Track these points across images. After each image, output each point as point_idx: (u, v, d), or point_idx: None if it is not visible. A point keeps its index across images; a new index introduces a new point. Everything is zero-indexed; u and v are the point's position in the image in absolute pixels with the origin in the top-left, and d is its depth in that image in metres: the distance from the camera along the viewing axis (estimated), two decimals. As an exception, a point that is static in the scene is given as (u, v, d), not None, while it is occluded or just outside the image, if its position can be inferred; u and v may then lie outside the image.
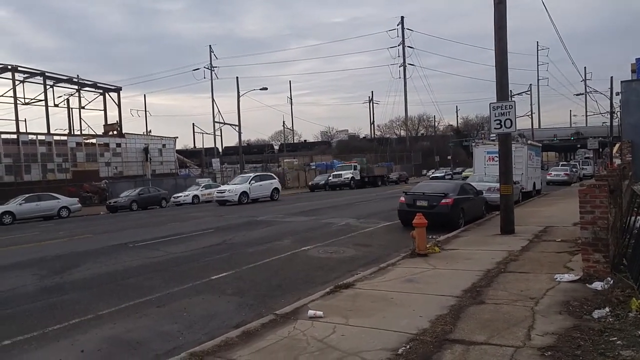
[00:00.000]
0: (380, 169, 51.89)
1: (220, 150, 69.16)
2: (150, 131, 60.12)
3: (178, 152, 58.78)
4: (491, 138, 25.10)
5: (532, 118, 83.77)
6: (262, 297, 7.19)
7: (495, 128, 12.03)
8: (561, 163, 59.45)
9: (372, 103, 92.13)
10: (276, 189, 30.76)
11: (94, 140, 44.62)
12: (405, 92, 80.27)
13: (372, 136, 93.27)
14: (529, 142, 25.98)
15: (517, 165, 20.61)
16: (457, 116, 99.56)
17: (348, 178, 43.64)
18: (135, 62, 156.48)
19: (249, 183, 28.91)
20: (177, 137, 54.17)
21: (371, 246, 11.50)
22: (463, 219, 13.87)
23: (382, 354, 4.49)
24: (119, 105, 47.87)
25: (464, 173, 51.80)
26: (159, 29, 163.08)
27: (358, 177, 45.03)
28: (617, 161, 26.20)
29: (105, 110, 48.48)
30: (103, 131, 47.92)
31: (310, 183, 46.60)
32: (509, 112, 11.65)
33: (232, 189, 28.55)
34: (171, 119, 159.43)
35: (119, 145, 45.40)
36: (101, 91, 48.18)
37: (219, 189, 30.61)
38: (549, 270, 7.48)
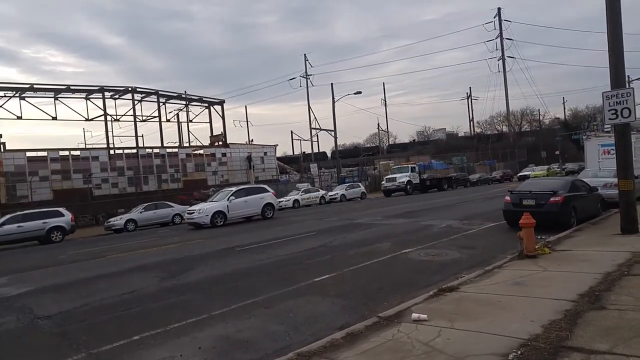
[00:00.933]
0: (444, 171, 48.19)
1: (331, 154, 70.70)
2: (252, 140, 63.25)
3: (278, 159, 61.15)
4: (605, 129, 22.92)
5: (656, 103, 74.81)
6: (365, 300, 7.30)
7: (610, 119, 11.03)
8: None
9: (470, 99, 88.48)
10: (269, 204, 25.22)
11: (201, 151, 48.07)
12: (506, 86, 76.09)
13: (472, 133, 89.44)
14: (652, 131, 23.31)
15: (638, 158, 18.64)
16: (565, 108, 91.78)
17: (403, 182, 39.53)
18: (236, 75, 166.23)
19: (228, 200, 23.40)
20: (277, 145, 56.63)
21: (475, 248, 11.12)
22: (575, 217, 12.86)
23: (491, 358, 4.38)
24: (223, 117, 51.11)
25: (532, 173, 47.42)
26: (256, 41, 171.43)
27: (417, 181, 40.95)
28: None
29: (210, 122, 52.06)
30: (209, 142, 51.42)
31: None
32: (626, 100, 10.63)
33: (203, 208, 23.09)
34: (270, 127, 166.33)
35: (224, 155, 48.47)
36: (206, 105, 51.81)
37: (189, 209, 24.86)
38: (682, 273, 6.73)
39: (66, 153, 38.28)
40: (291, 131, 67.95)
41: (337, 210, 26.92)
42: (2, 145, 35.55)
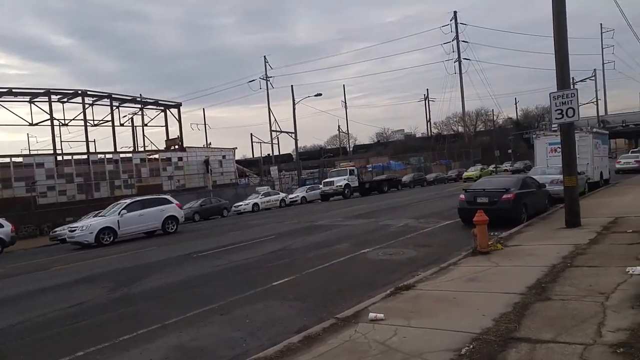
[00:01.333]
0: (402, 172, 47.46)
1: (296, 156, 70.44)
2: (210, 143, 62.40)
3: (237, 162, 60.49)
4: (553, 129, 23.97)
5: (597, 105, 79.07)
6: (323, 302, 7.31)
7: (556, 118, 11.55)
8: (631, 150, 55.59)
9: (428, 101, 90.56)
10: (172, 217, 22.42)
11: (156, 156, 46.85)
12: (462, 87, 78.24)
13: (429, 134, 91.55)
14: (594, 130, 24.62)
15: (582, 155, 19.63)
16: (517, 108, 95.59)
17: (341, 186, 37.76)
18: (194, 78, 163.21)
19: (119, 214, 20.54)
20: (236, 148, 55.87)
21: (431, 246, 11.37)
22: (526, 213, 13.39)
23: (445, 354, 4.47)
24: (179, 121, 50.06)
25: (465, 174, 49.60)
26: (215, 43, 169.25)
27: (355, 184, 39.40)
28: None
29: (166, 126, 50.84)
30: (165, 146, 50.26)
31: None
32: (570, 100, 11.17)
33: (87, 225, 20.37)
34: (230, 130, 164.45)
35: (180, 159, 47.45)
36: (162, 108, 50.58)
37: (71, 225, 22.58)
38: (620, 263, 7.10)
39: (7, 160, 36.39)
40: (251, 134, 68.00)
41: (298, 213, 26.89)
42: None
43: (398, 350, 4.73)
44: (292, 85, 48.55)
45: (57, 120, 42.02)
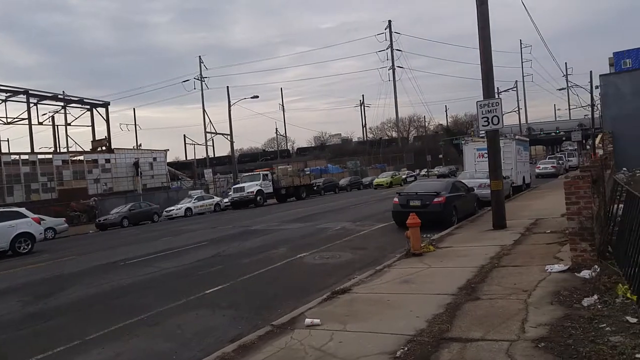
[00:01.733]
0: (307, 177, 43.74)
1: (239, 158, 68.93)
2: (140, 145, 59.79)
3: (169, 164, 58.49)
4: (480, 135, 25.31)
5: (519, 114, 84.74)
6: (258, 309, 7.14)
7: (483, 125, 12.13)
8: (548, 156, 60.07)
9: (364, 106, 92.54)
10: (26, 235, 18.44)
11: (81, 157, 44.16)
12: (395, 94, 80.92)
13: (365, 139, 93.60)
14: (516, 137, 26.26)
15: (507, 161, 20.83)
16: (447, 115, 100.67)
17: (252, 192, 34.64)
18: (124, 76, 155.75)
19: None
20: (168, 150, 54.20)
21: (367, 249, 11.51)
22: (456, 216, 13.95)
23: (380, 358, 4.48)
24: (107, 121, 47.53)
25: (376, 180, 47.22)
26: (147, 41, 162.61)
27: (270, 190, 36.69)
28: (600, 152, 26.62)
29: (92, 125, 48.12)
30: (91, 147, 47.53)
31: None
32: (495, 109, 11.76)
33: None
34: (162, 131, 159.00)
35: (108, 161, 45.02)
36: (88, 107, 47.78)
37: None
38: (540, 262, 7.54)
39: None
40: (184, 135, 65.69)
41: (233, 218, 26.35)
42: None
43: (334, 355, 4.69)
44: (227, 87, 47.60)
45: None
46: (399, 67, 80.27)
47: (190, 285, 9.10)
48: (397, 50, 79.13)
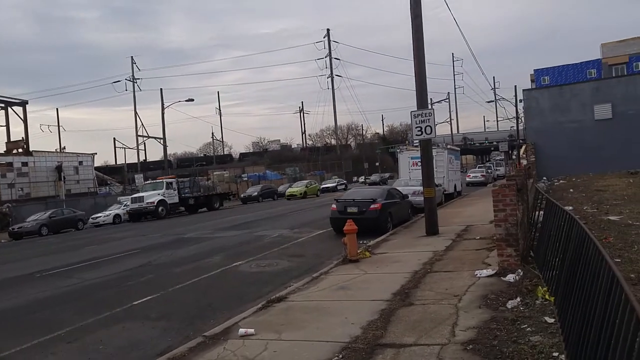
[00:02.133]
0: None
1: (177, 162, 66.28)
2: (64, 148, 56.36)
3: (97, 169, 55.56)
4: (414, 144, 26.14)
5: (451, 124, 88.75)
6: (191, 319, 6.87)
7: (417, 135, 12.50)
8: (478, 165, 63.44)
9: (303, 113, 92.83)
10: None
11: (-7, 160, 40.90)
12: (334, 103, 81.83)
13: (304, 146, 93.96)
14: (448, 146, 27.46)
15: (439, 169, 21.64)
16: (383, 124, 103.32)
17: (153, 203, 30.45)
18: (45, 74, 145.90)
19: None
20: (96, 154, 51.38)
21: (304, 256, 11.45)
22: (391, 222, 14.26)
23: (315, 366, 4.42)
24: (25, 121, 44.26)
25: (289, 190, 42.20)
26: (72, 38, 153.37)
27: (175, 200, 32.54)
28: (524, 162, 28.51)
29: (7, 126, 44.58)
30: (5, 149, 44.03)
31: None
32: (428, 119, 12.16)
33: None
34: (89, 134, 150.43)
35: (25, 164, 41.82)
36: (3, 105, 44.32)
37: None
38: (470, 267, 7.83)
39: None
40: (114, 138, 62.38)
41: (165, 225, 25.36)
42: None
43: (268, 366, 4.56)
44: (161, 89, 46.23)
45: None
46: (337, 75, 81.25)
47: (117, 297, 8.60)
48: (335, 59, 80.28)
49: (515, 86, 49.57)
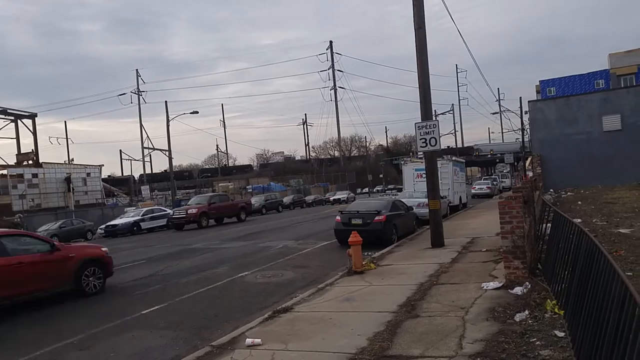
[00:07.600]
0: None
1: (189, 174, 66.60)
2: (72, 159, 56.81)
3: (104, 180, 55.85)
4: (419, 156, 26.20)
5: (455, 136, 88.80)
6: (198, 329, 6.91)
7: (421, 146, 12.56)
8: (483, 177, 63.32)
9: (306, 125, 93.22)
10: None
11: (4, 172, 41.20)
12: (337, 114, 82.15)
13: (308, 157, 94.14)
14: (453, 158, 27.44)
15: (444, 181, 21.66)
16: (387, 136, 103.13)
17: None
18: (53, 87, 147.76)
19: None
20: (103, 165, 51.79)
21: (309, 267, 11.48)
22: (396, 234, 14.27)
23: (322, 377, 4.45)
24: (34, 133, 44.81)
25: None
26: (79, 51, 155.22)
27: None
28: (530, 174, 28.44)
29: (17, 138, 45.15)
30: (16, 161, 44.46)
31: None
32: (433, 130, 12.22)
33: None
34: (96, 146, 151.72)
35: (35, 175, 42.17)
36: (12, 118, 44.84)
37: None
38: (476, 279, 7.85)
39: None
40: (120, 150, 63.14)
41: (171, 235, 25.45)
42: None
43: (276, 376, 4.60)
44: (166, 101, 46.58)
45: None
46: (340, 87, 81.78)
47: (126, 306, 8.68)
48: (338, 70, 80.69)
49: (521, 97, 49.92)
